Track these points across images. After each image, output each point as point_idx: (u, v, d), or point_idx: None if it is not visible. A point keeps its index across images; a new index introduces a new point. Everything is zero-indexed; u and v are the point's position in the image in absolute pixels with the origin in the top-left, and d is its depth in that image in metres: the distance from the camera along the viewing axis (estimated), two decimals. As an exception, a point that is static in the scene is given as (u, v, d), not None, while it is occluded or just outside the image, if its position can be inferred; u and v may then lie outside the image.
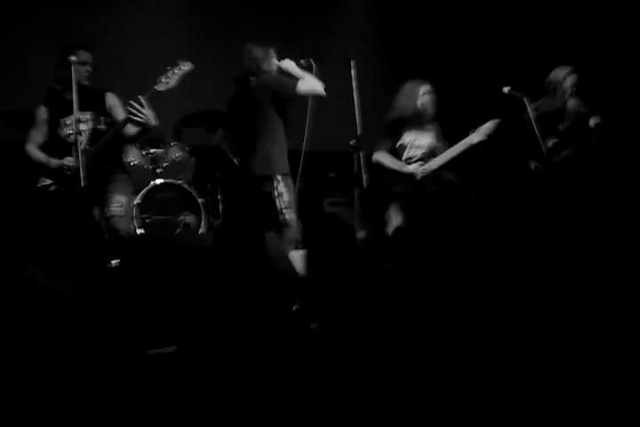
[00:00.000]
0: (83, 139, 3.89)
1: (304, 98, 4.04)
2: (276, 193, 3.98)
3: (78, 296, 1.88)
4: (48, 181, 3.87)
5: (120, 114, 3.98)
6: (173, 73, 3.87)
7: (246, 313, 2.24)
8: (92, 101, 3.97)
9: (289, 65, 4.08)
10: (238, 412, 2.00)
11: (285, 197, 3.99)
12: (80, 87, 3.81)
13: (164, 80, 3.85)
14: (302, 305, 2.27)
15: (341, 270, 2.28)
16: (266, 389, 2.03)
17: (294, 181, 4.07)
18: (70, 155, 3.86)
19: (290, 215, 3.98)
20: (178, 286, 2.77)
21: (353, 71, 4.13)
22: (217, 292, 2.27)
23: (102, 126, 4.00)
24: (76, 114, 3.75)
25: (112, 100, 4.05)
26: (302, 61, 4.11)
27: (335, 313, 2.12)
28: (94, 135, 3.95)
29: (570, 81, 4.85)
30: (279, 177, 4.00)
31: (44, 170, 3.89)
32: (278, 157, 4.03)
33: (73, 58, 3.82)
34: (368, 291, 2.09)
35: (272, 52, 4.14)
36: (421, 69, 6.77)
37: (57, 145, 3.93)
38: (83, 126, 3.89)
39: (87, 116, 3.95)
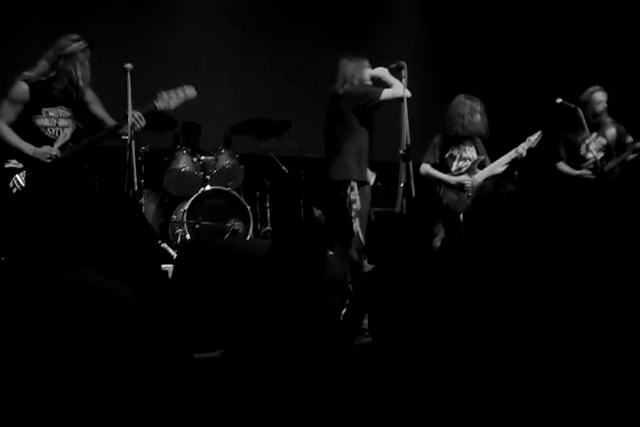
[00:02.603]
0: (66, 134, 3.82)
1: (391, 103, 4.09)
2: (348, 200, 4.01)
3: (133, 298, 1.90)
4: (18, 165, 3.74)
5: (98, 110, 3.92)
6: (176, 95, 3.80)
7: (293, 321, 2.25)
8: (73, 97, 3.86)
9: (381, 73, 4.15)
10: (279, 417, 2.02)
11: (356, 205, 4.00)
12: (71, 83, 3.77)
13: (165, 98, 3.79)
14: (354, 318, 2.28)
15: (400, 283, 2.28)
16: (308, 398, 2.04)
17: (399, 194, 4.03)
18: (40, 145, 3.76)
19: (355, 224, 3.98)
20: (228, 291, 2.80)
21: (404, 80, 4.12)
22: (267, 298, 2.28)
23: (81, 125, 3.92)
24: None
25: (90, 96, 3.92)
26: (393, 65, 4.16)
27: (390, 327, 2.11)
28: (75, 133, 3.88)
29: (597, 99, 4.89)
30: (353, 184, 4.02)
31: (13, 152, 3.74)
32: (356, 165, 4.06)
33: (129, 65, 3.86)
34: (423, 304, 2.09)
35: (365, 62, 4.19)
36: (470, 79, 6.76)
37: (28, 132, 3.77)
38: (63, 122, 3.82)
39: (68, 112, 3.86)
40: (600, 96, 4.88)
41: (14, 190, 3.73)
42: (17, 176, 3.76)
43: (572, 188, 4.96)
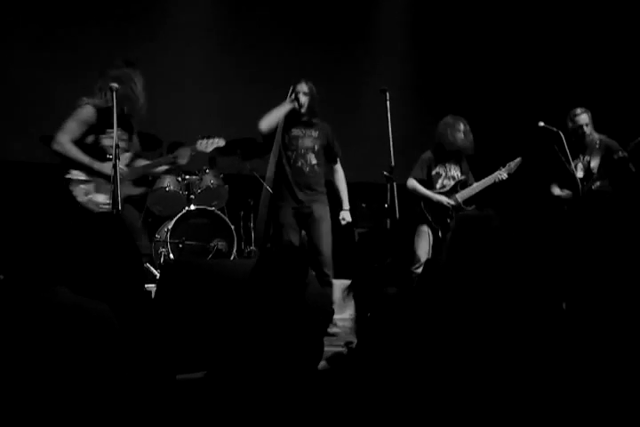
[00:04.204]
0: (127, 156, 4.00)
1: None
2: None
3: (110, 317, 1.88)
4: (80, 176, 3.86)
5: (135, 139, 4.11)
6: (212, 143, 4.13)
7: (275, 342, 2.24)
8: (129, 123, 4.03)
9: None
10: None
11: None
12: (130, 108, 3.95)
13: (204, 143, 4.12)
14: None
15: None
16: (291, 419, 2.02)
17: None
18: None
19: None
20: (210, 312, 2.78)
21: (388, 103, 4.18)
22: (248, 319, 2.27)
23: (133, 149, 4.09)
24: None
25: (135, 125, 4.10)
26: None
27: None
28: (132, 156, 4.06)
29: (579, 122, 4.90)
30: None
31: (74, 164, 3.86)
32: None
33: (115, 85, 3.89)
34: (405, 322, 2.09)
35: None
36: (454, 103, 6.83)
37: (94, 151, 3.89)
38: (122, 144, 3.92)
39: (125, 135, 3.99)
40: (582, 120, 4.91)
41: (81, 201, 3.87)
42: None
43: (556, 210, 5.00)
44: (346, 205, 4.63)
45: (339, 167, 4.66)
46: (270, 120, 4.41)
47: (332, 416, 1.93)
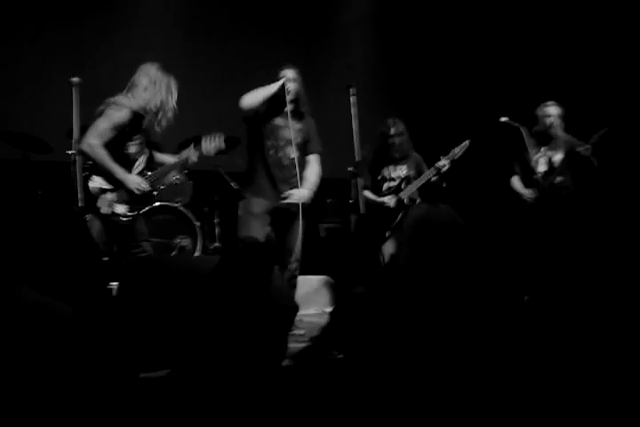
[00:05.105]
0: (141, 162, 3.93)
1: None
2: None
3: (71, 316, 1.86)
4: (103, 184, 3.81)
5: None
6: (215, 146, 4.09)
7: (241, 338, 2.23)
8: (145, 124, 3.93)
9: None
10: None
11: None
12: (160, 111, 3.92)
13: (208, 147, 4.08)
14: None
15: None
16: (256, 417, 2.01)
17: None
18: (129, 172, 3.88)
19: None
20: (174, 309, 2.76)
21: (352, 98, 4.16)
22: (213, 316, 2.26)
23: (150, 152, 4.04)
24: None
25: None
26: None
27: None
28: (148, 160, 4.00)
29: (546, 114, 4.94)
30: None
31: (100, 171, 3.81)
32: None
33: (75, 79, 3.82)
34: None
35: None
36: (418, 97, 6.87)
37: (118, 157, 3.82)
38: (142, 149, 3.91)
39: (143, 138, 3.94)
40: (550, 111, 4.94)
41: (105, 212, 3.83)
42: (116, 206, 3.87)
43: (518, 205, 5.05)
44: (308, 185, 4.21)
45: (315, 162, 4.30)
46: (254, 98, 4.03)
47: (297, 413, 1.93)
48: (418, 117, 5.07)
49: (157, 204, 5.29)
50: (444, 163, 4.72)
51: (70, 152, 3.93)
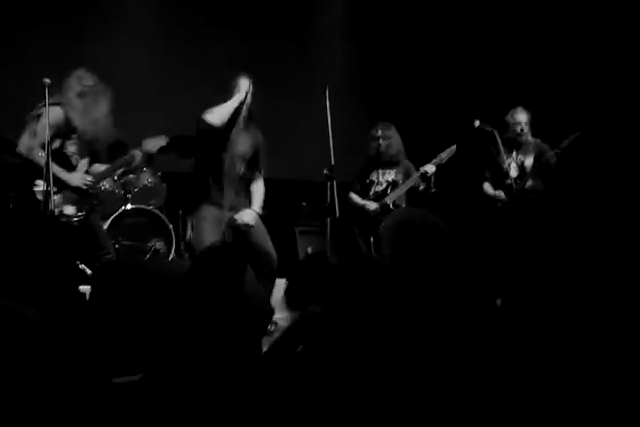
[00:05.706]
0: (84, 162, 3.89)
1: None
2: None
3: (41, 321, 1.83)
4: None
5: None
6: (157, 142, 4.25)
7: (215, 341, 2.21)
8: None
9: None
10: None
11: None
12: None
13: (150, 143, 4.21)
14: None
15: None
16: (231, 421, 2.00)
17: None
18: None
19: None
20: (147, 313, 2.73)
21: (327, 101, 4.18)
22: (186, 319, 2.24)
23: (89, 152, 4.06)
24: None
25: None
26: None
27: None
28: (91, 161, 4.01)
29: (516, 120, 4.99)
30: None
31: (40, 174, 3.71)
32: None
33: (47, 81, 3.78)
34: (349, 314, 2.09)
35: None
36: (394, 101, 6.90)
37: (58, 157, 3.77)
38: (77, 149, 3.88)
39: (78, 140, 3.92)
40: (519, 118, 5.00)
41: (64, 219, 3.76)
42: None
43: (490, 208, 5.10)
44: (255, 206, 4.18)
45: (259, 180, 4.23)
46: (221, 115, 4.02)
47: (270, 416, 1.92)
48: (394, 120, 5.07)
49: (130, 206, 5.25)
50: (429, 167, 4.75)
51: (41, 154, 3.88)
